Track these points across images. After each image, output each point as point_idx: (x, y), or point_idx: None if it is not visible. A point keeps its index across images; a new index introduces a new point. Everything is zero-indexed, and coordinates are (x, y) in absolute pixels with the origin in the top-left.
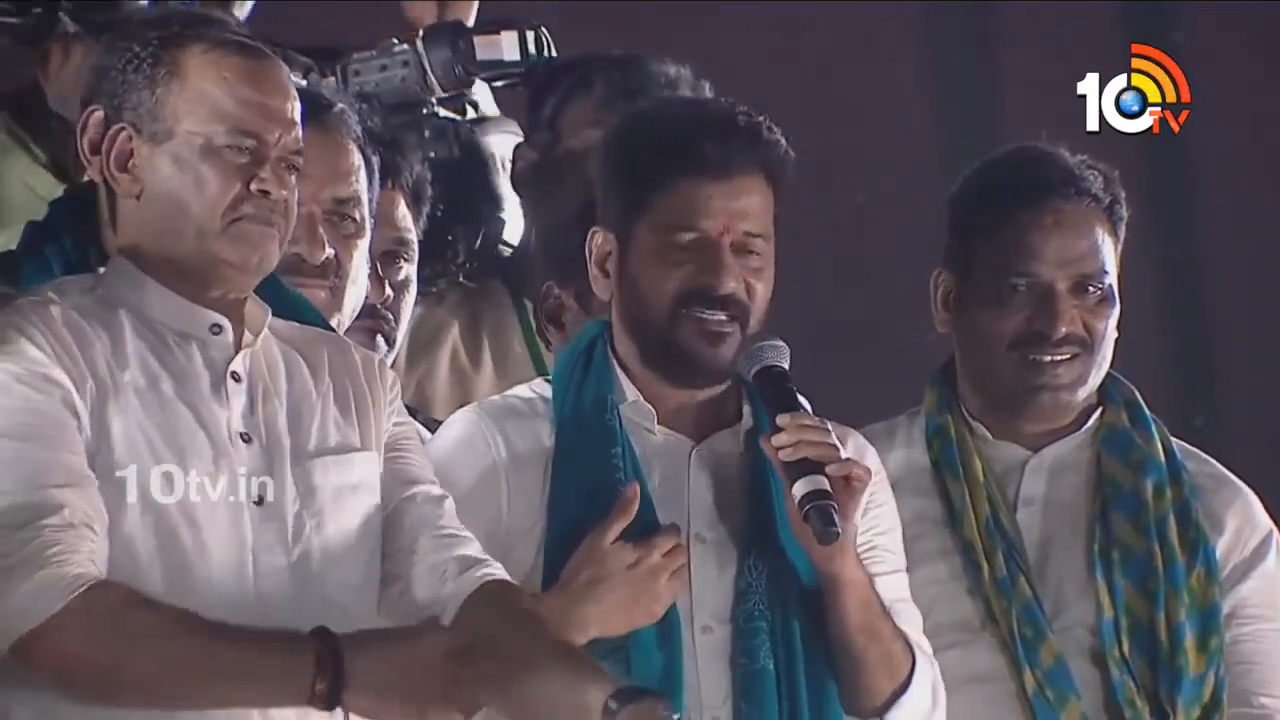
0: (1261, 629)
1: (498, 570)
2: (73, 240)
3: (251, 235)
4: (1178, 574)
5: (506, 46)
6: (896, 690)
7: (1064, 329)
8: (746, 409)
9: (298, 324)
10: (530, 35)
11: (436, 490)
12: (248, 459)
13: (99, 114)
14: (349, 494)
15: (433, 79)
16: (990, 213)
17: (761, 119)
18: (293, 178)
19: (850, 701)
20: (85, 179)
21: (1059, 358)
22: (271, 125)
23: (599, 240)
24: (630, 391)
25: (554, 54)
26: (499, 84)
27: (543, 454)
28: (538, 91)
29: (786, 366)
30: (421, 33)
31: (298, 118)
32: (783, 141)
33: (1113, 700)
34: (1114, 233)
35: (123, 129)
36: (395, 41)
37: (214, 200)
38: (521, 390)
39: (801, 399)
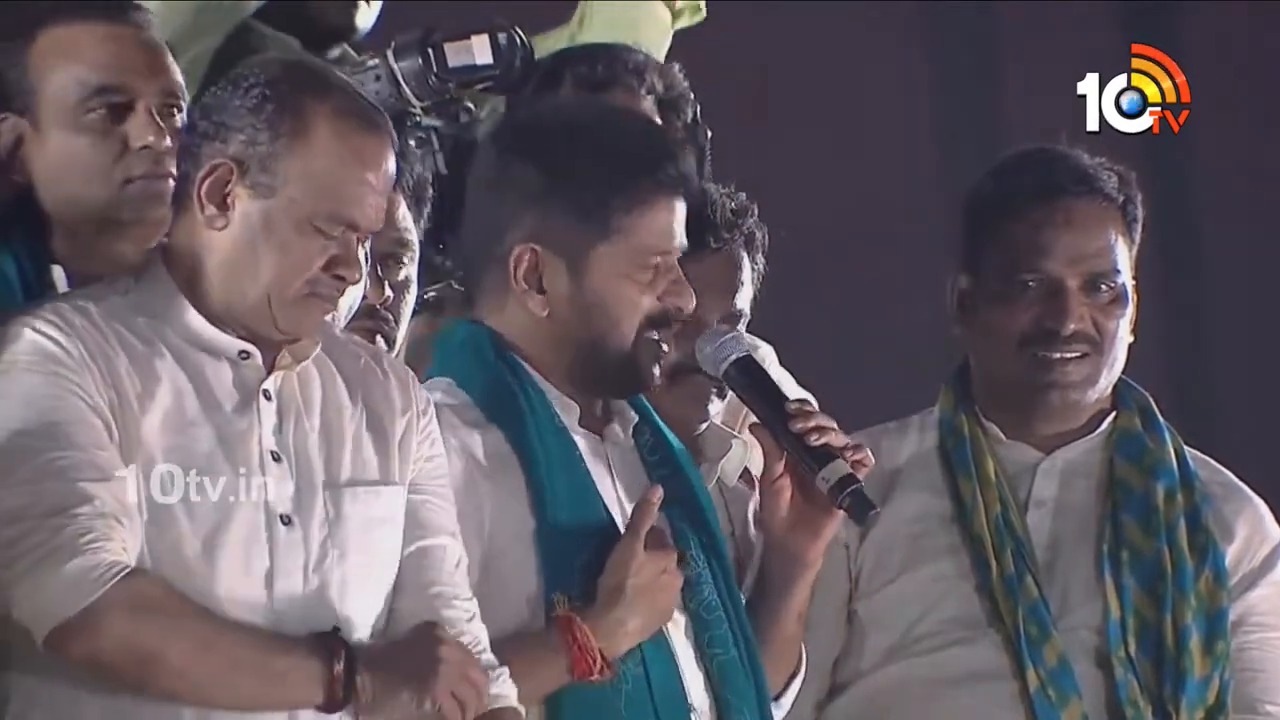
0: (1269, 637)
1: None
2: (22, 240)
3: (313, 313)
4: (1186, 577)
5: (478, 50)
6: (793, 673)
7: (1073, 326)
8: (624, 404)
9: (331, 330)
10: (503, 37)
11: (454, 547)
12: (276, 478)
13: (9, 122)
14: (376, 526)
15: (407, 91)
16: (1003, 210)
17: (674, 138)
18: (364, 252)
19: None
20: None
21: (1068, 355)
22: (370, 213)
23: (528, 258)
24: (551, 392)
25: (530, 54)
26: (477, 88)
27: (510, 457)
28: (514, 91)
29: (754, 356)
30: (392, 45)
31: (390, 188)
32: None
33: (1115, 700)
34: (1128, 234)
35: (224, 163)
36: (367, 56)
37: (291, 276)
38: (443, 397)
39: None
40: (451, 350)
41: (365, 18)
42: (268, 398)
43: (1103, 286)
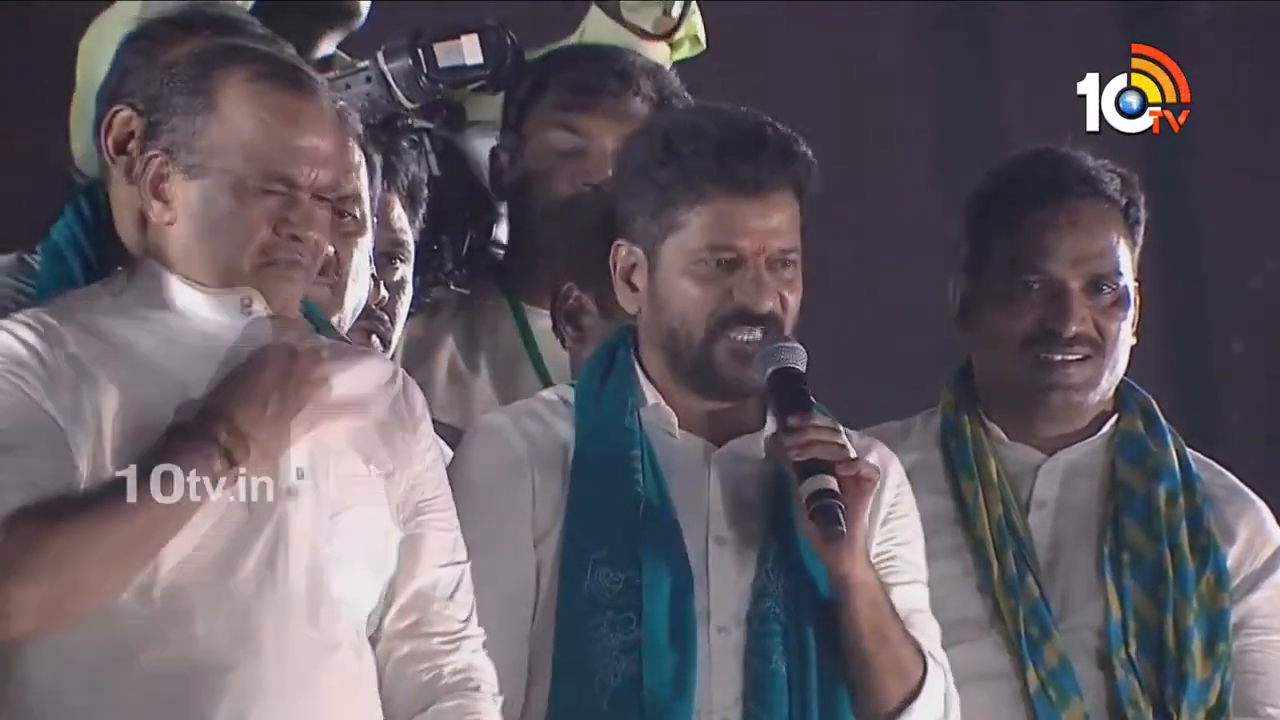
0: (1270, 640)
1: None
2: (89, 239)
3: (277, 284)
4: (1187, 579)
5: (468, 51)
6: (907, 697)
7: (1075, 328)
8: (770, 416)
9: (328, 338)
10: (493, 36)
11: (446, 575)
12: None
13: (125, 114)
14: (367, 519)
15: (398, 92)
16: (1005, 212)
17: (790, 134)
18: (325, 212)
19: (860, 707)
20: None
21: (1070, 357)
22: (305, 166)
23: (624, 253)
24: (652, 395)
25: (518, 54)
26: (468, 88)
27: (563, 455)
28: (506, 93)
29: (802, 369)
30: (382, 47)
31: (333, 149)
32: (809, 155)
33: (1116, 701)
34: (1130, 235)
35: (156, 155)
36: (357, 60)
37: (242, 244)
38: (547, 394)
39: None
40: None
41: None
42: None
43: (1105, 288)
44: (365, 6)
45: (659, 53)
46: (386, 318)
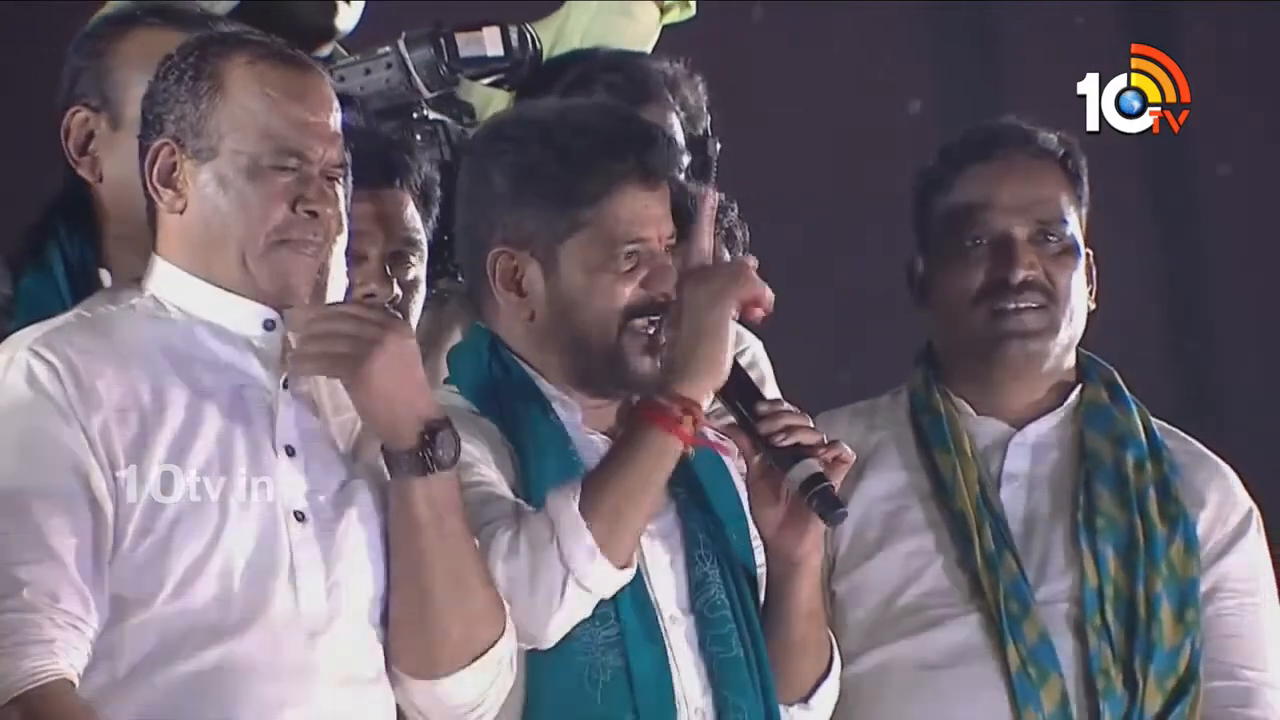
0: (1244, 603)
1: None
2: (71, 241)
3: (291, 263)
4: (1157, 547)
5: (489, 43)
6: (819, 678)
7: (1023, 273)
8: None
9: None
10: (514, 31)
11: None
12: (288, 472)
13: (82, 114)
14: (381, 511)
15: (418, 80)
16: (943, 179)
17: (661, 127)
18: (336, 190)
19: (782, 688)
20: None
21: (1023, 305)
22: (316, 142)
23: (504, 260)
24: (550, 391)
25: (539, 49)
26: (485, 81)
27: (503, 448)
28: (538, 88)
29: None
30: (403, 34)
31: (339, 128)
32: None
33: (1088, 672)
34: (1072, 188)
35: (165, 144)
36: (378, 46)
37: (258, 222)
38: (449, 398)
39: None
40: (456, 355)
41: (346, 19)
42: (286, 386)
43: (1051, 237)
44: (346, 22)
45: (647, 15)
46: (400, 316)
